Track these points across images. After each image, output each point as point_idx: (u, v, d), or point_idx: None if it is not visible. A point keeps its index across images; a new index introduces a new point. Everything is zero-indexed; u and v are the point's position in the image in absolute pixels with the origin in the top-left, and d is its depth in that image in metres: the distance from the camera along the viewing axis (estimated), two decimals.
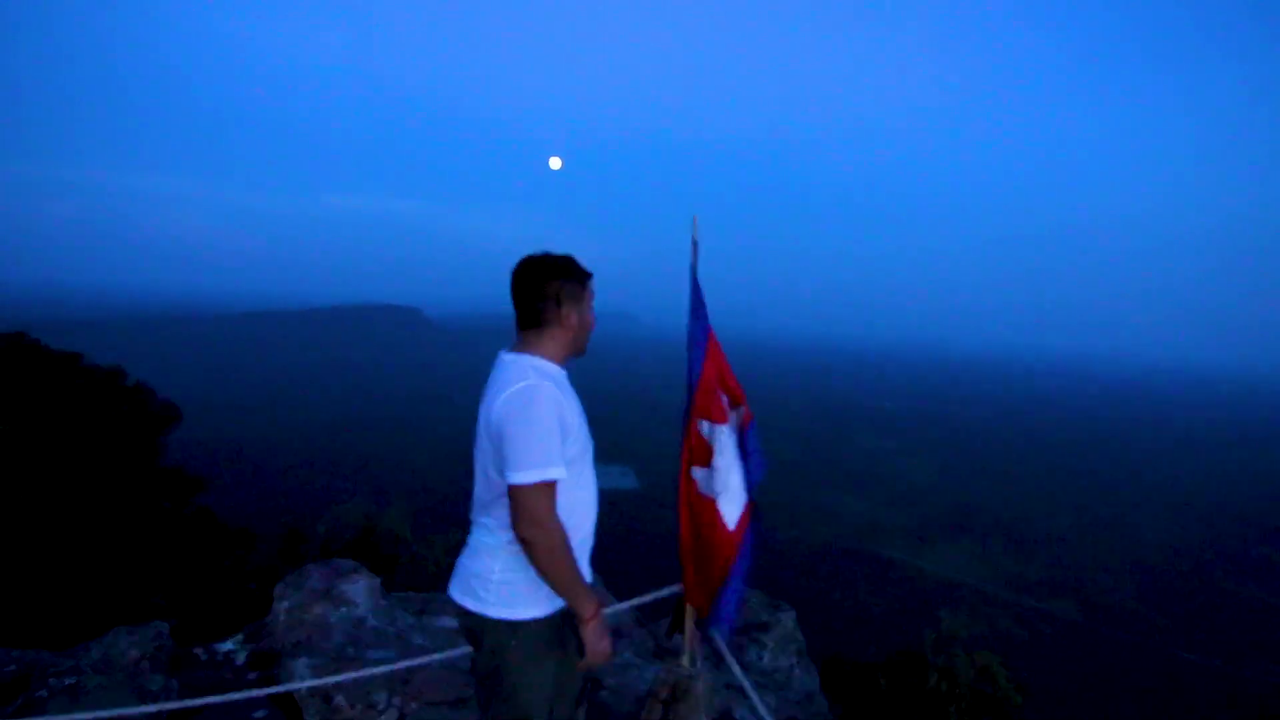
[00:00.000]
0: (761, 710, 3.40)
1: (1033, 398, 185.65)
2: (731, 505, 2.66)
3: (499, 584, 1.91)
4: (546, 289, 1.96)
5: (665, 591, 3.53)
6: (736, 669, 3.53)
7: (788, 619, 5.08)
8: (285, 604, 3.99)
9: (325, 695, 3.13)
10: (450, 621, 4.32)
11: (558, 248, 2.01)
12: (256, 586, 8.39)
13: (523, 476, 1.77)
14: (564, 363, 2.01)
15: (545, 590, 1.90)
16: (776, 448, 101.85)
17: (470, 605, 1.94)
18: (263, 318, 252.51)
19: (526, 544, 1.80)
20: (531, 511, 1.78)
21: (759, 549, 2.87)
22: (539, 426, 1.80)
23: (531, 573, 1.87)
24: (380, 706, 3.08)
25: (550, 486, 1.81)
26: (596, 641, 1.86)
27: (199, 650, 3.86)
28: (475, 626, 1.96)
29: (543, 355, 1.96)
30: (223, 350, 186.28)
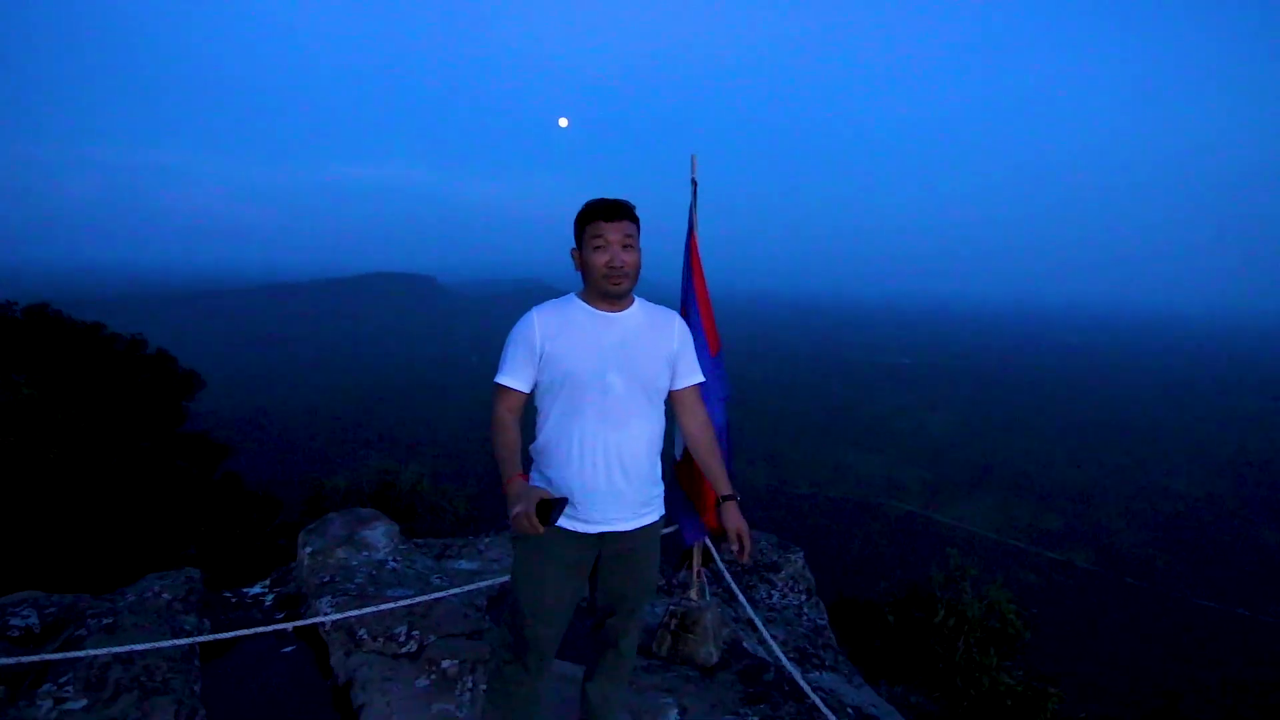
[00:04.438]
0: (769, 641, 3.51)
1: (1052, 349, 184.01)
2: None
3: None
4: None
5: (668, 530, 3.64)
6: (746, 604, 3.64)
7: (797, 559, 5.20)
8: (309, 549, 4.15)
9: (349, 629, 3.27)
10: (468, 564, 4.47)
11: (568, 210, 2.15)
12: (285, 542, 8.65)
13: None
14: (596, 299, 2.18)
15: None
16: (793, 405, 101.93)
17: None
18: (279, 290, 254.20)
19: None
20: None
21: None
22: (507, 338, 2.15)
23: (536, 475, 2.19)
24: (401, 639, 3.22)
25: (496, 389, 2.14)
26: (509, 505, 1.99)
27: (228, 594, 4.03)
28: None
29: (579, 291, 2.23)
30: (241, 323, 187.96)
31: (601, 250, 2.08)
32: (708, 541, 3.66)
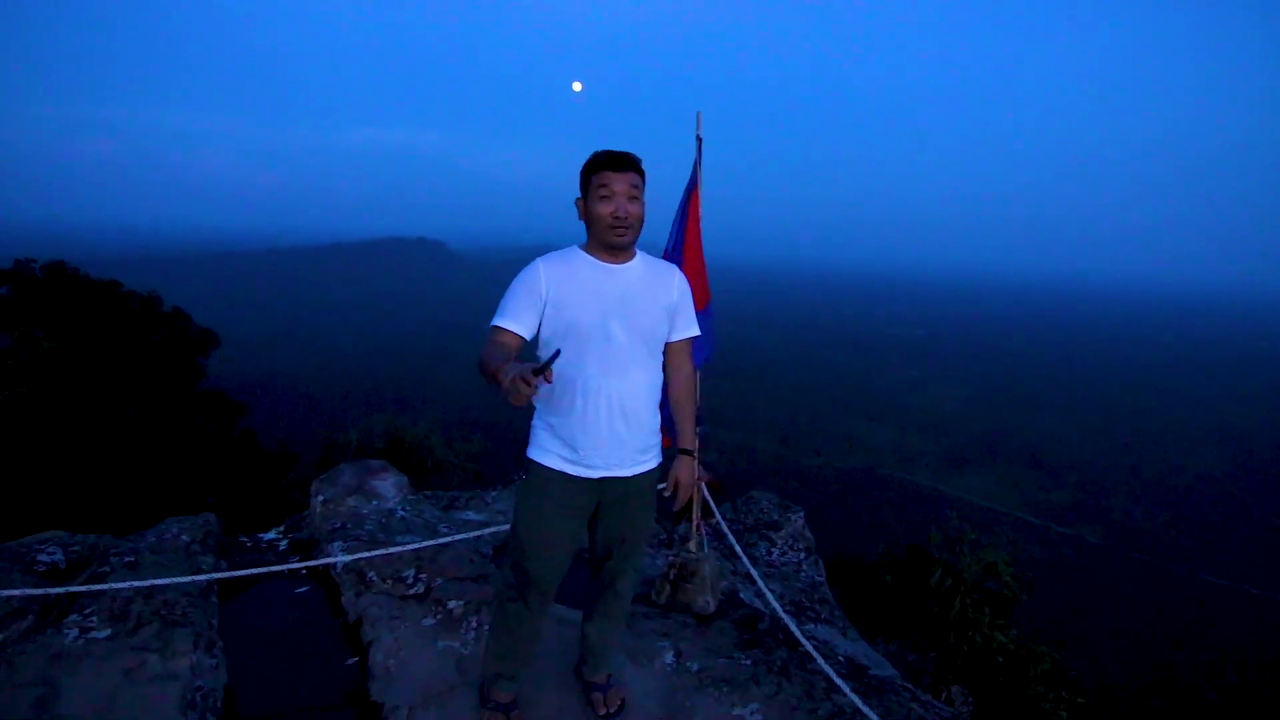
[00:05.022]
0: (766, 593, 3.61)
1: (1064, 323, 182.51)
2: None
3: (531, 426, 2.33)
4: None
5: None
6: (744, 558, 3.73)
7: (797, 519, 5.29)
8: (321, 498, 4.29)
9: (359, 572, 3.40)
10: (475, 515, 4.59)
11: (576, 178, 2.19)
12: (298, 495, 8.85)
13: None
14: (599, 250, 2.22)
15: (545, 441, 2.25)
16: (803, 376, 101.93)
17: None
18: (290, 253, 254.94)
19: None
20: None
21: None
22: (510, 285, 2.19)
23: (539, 422, 2.26)
24: (409, 581, 3.35)
25: (493, 331, 2.15)
26: (502, 379, 1.80)
27: (244, 539, 4.17)
28: None
29: (581, 244, 2.26)
30: (253, 286, 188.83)
31: (607, 200, 2.11)
32: (707, 495, 3.76)
